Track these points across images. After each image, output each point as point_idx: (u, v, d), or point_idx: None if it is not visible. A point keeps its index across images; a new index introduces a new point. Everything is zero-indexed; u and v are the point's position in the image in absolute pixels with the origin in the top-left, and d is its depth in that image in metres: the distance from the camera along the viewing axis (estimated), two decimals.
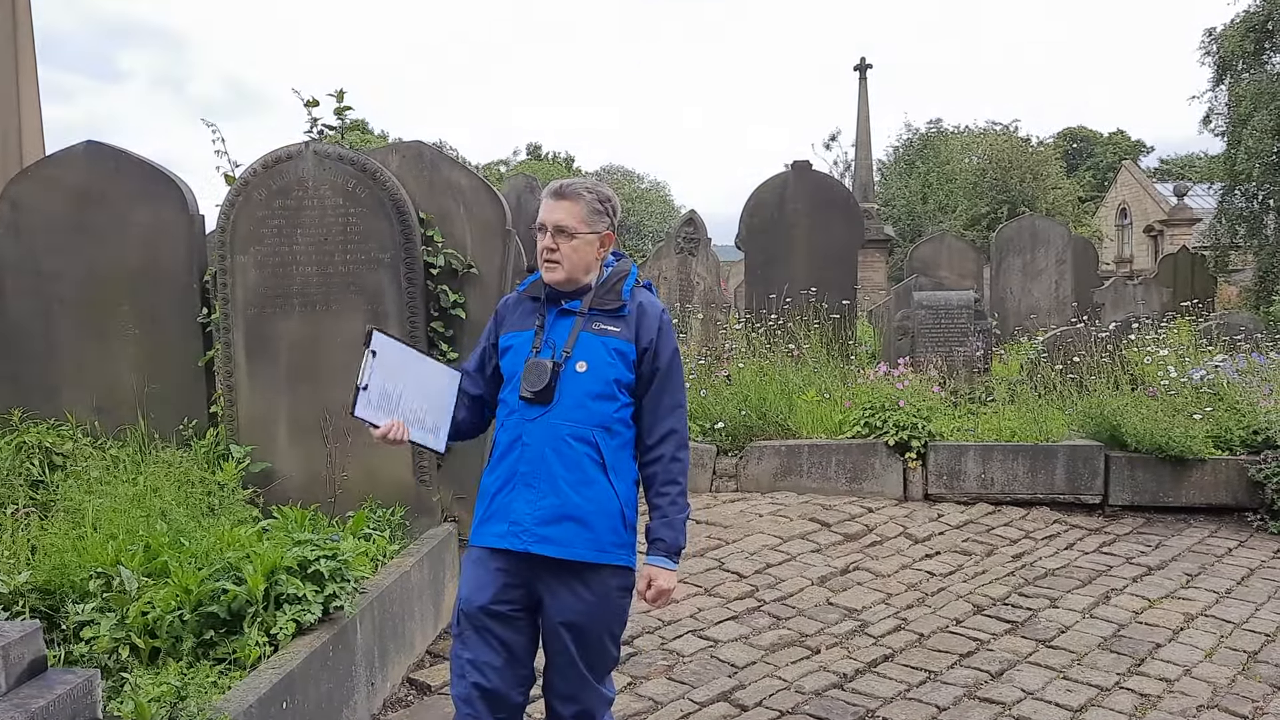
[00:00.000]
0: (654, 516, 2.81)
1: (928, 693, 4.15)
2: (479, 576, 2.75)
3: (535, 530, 2.67)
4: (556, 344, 2.74)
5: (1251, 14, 18.12)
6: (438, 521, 4.89)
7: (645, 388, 2.79)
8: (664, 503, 2.79)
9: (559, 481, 2.68)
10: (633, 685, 4.13)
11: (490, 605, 2.72)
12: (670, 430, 2.80)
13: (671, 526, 2.78)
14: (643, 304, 2.83)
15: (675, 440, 2.80)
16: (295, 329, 4.78)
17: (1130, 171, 39.43)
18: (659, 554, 2.78)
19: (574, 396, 2.70)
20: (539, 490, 2.68)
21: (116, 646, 3.24)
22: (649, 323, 2.79)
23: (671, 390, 2.81)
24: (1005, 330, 12.64)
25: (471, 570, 2.78)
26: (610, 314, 2.78)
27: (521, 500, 2.69)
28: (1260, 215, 18.66)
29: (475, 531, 2.81)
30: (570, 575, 2.70)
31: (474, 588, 2.75)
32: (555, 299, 2.81)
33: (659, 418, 2.79)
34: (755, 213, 10.02)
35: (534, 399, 2.69)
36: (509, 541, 2.69)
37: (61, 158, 5.26)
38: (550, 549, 2.67)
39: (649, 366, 2.78)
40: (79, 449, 4.81)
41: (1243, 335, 9.93)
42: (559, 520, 2.67)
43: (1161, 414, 6.90)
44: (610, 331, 2.76)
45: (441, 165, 5.14)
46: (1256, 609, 5.19)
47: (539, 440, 2.69)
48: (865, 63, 21.31)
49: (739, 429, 7.53)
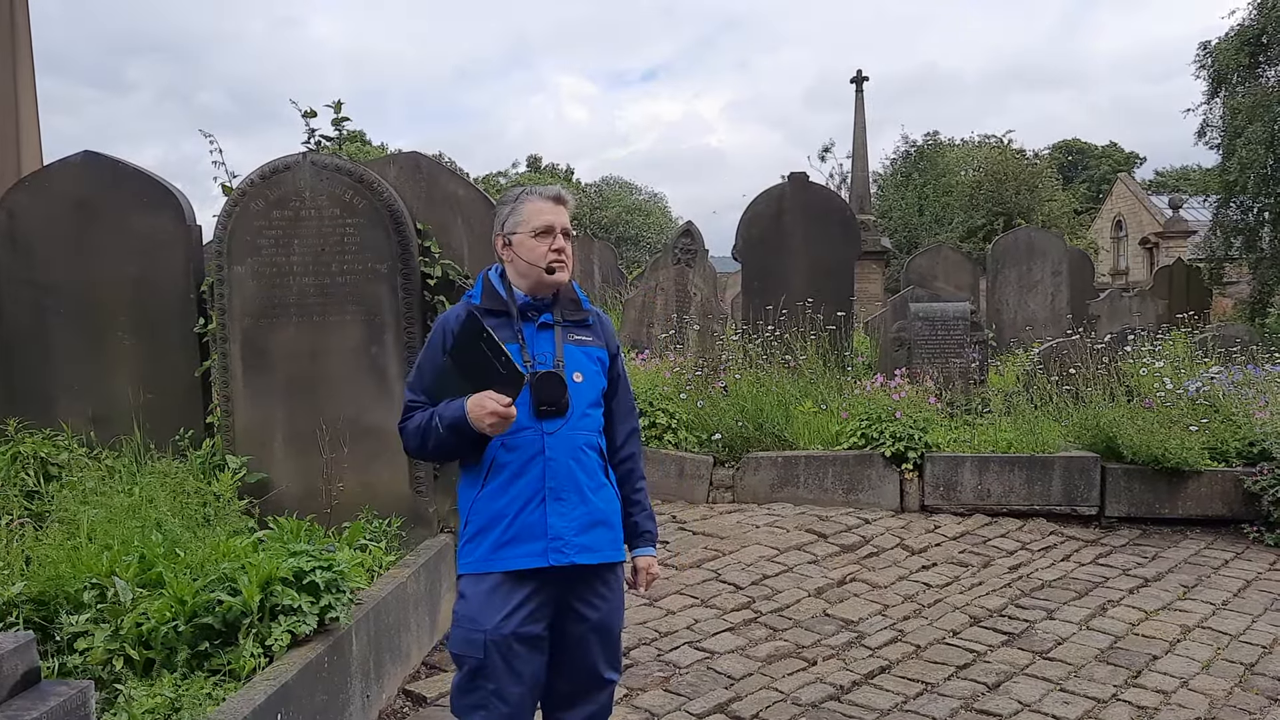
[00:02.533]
0: (635, 511, 2.91)
1: (925, 705, 4.14)
2: (503, 602, 2.64)
3: (575, 541, 2.66)
4: (547, 356, 2.73)
5: (1246, 27, 18.21)
6: (434, 532, 4.88)
7: (613, 391, 2.90)
8: (641, 497, 2.95)
9: (585, 490, 2.71)
10: (629, 697, 4.12)
11: (520, 630, 2.63)
12: (633, 429, 2.98)
13: (651, 519, 2.98)
14: (598, 312, 2.95)
15: (637, 438, 3.00)
16: (292, 340, 4.78)
17: (1125, 184, 39.55)
18: (648, 544, 2.95)
19: (579, 406, 2.72)
20: (569, 502, 2.68)
21: (111, 658, 3.22)
22: (609, 329, 2.93)
23: (629, 390, 3.01)
24: (1001, 342, 12.64)
25: (491, 598, 2.65)
26: (581, 324, 2.83)
27: (555, 514, 2.66)
28: (1256, 228, 18.71)
29: (489, 558, 2.67)
30: (597, 579, 2.74)
31: (499, 614, 2.63)
32: (524, 312, 2.77)
33: (623, 418, 2.94)
34: (752, 224, 10.03)
35: (554, 411, 2.67)
36: (553, 558, 2.63)
37: (59, 168, 5.26)
38: (590, 556, 2.69)
39: (614, 371, 2.90)
40: (74, 459, 4.80)
41: (1238, 347, 9.94)
42: (593, 527, 2.71)
43: (1157, 426, 6.91)
44: (586, 341, 2.81)
45: (439, 176, 5.15)
46: (1253, 621, 5.19)
47: (562, 453, 2.68)
48: (861, 75, 21.39)
49: (736, 440, 7.53)
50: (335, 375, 4.78)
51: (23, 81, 6.86)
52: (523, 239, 2.75)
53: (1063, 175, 40.83)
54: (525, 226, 2.75)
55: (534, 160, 52.50)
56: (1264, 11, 17.74)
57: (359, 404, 4.80)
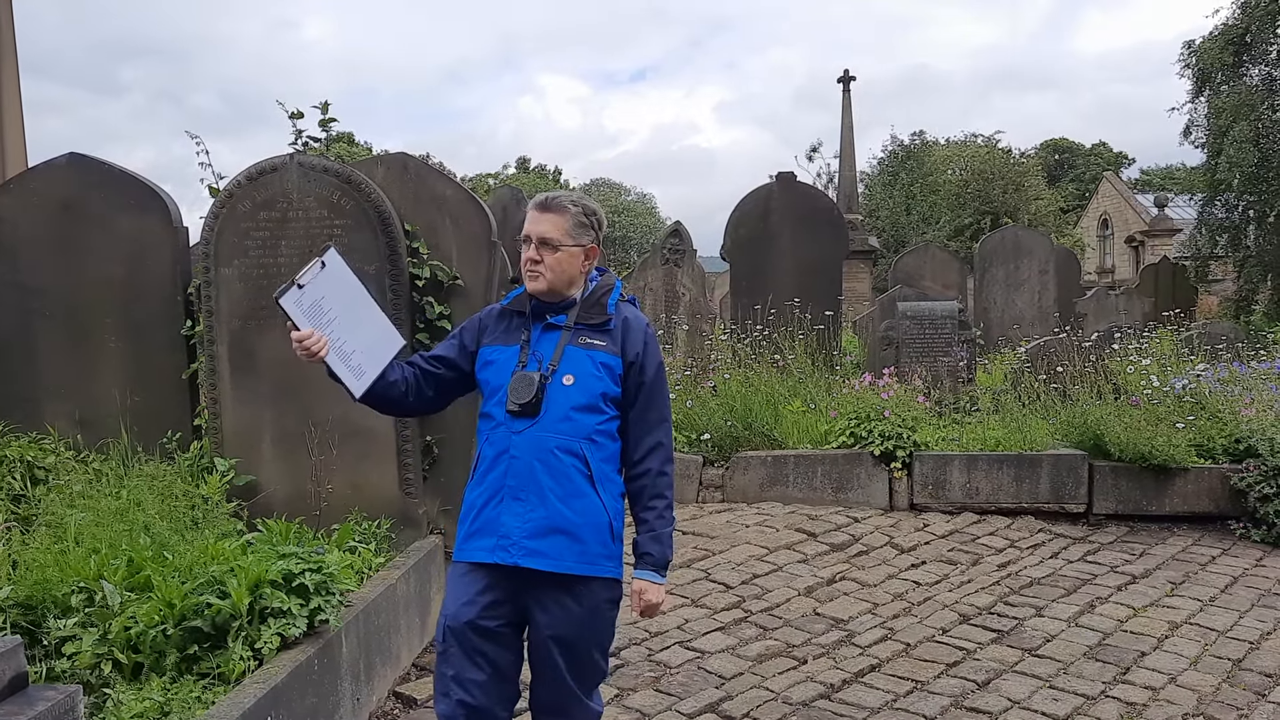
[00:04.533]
0: (641, 531, 2.82)
1: (915, 703, 4.16)
2: (465, 592, 2.72)
3: (525, 544, 2.65)
4: (543, 358, 2.74)
5: (1230, 26, 18.31)
6: (424, 534, 4.87)
7: (631, 402, 2.80)
8: (651, 516, 2.81)
9: (547, 494, 2.67)
10: (620, 697, 4.12)
11: (477, 621, 2.70)
12: (656, 444, 2.82)
13: (659, 541, 2.80)
14: (628, 318, 2.84)
15: (661, 454, 2.82)
16: (280, 341, 4.72)
17: (1111, 183, 39.73)
18: (647, 568, 2.80)
19: (560, 409, 2.70)
20: (528, 503, 2.67)
21: (99, 662, 3.21)
22: (634, 336, 2.81)
23: (657, 404, 2.83)
24: (989, 340, 12.68)
25: (457, 586, 2.76)
26: (596, 328, 2.79)
27: (510, 514, 2.68)
28: (1241, 226, 18.82)
29: (460, 547, 2.78)
30: (559, 589, 2.69)
31: (460, 603, 2.72)
32: (539, 314, 2.81)
33: (645, 431, 2.81)
34: (740, 224, 10.04)
35: (521, 412, 2.69)
36: (498, 555, 2.67)
37: (44, 170, 5.23)
38: (540, 562, 2.65)
39: (635, 380, 2.79)
40: (61, 462, 4.77)
41: (1224, 345, 9.99)
42: (548, 533, 2.66)
43: (1144, 423, 6.94)
44: (596, 345, 2.77)
45: (427, 177, 5.13)
46: (1240, 617, 5.22)
47: (526, 453, 2.68)
48: (849, 75, 21.45)
49: (725, 440, 7.53)
50: (324, 378, 4.74)
51: (7, 84, 6.83)
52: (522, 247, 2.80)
53: (1050, 174, 40.98)
54: (522, 232, 2.80)
55: (523, 162, 52.46)
56: (1247, 11, 17.84)
57: (347, 405, 4.76)
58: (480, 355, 2.86)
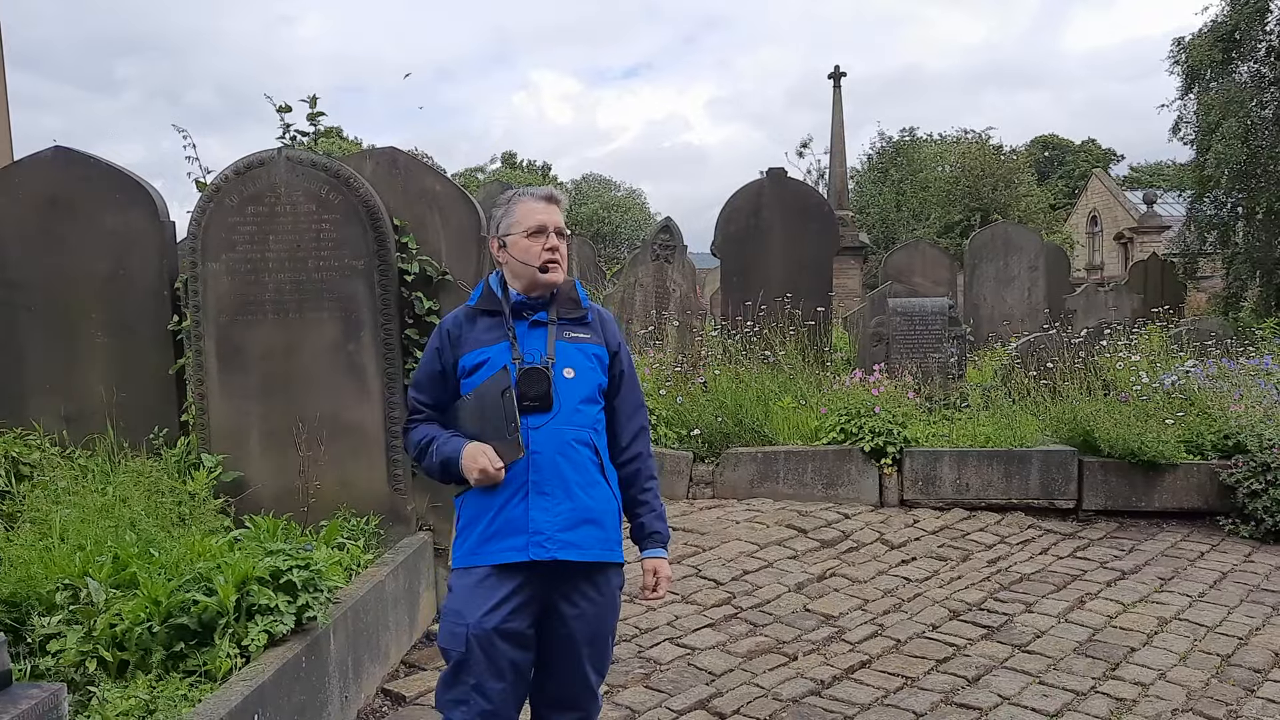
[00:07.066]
0: (644, 512, 2.88)
1: (905, 699, 4.15)
2: (489, 597, 2.64)
3: (558, 537, 2.65)
4: (538, 353, 2.74)
5: (1219, 24, 18.32)
6: (412, 530, 4.85)
7: (616, 389, 2.87)
8: (650, 497, 2.90)
9: (572, 486, 2.68)
10: (610, 693, 4.11)
11: (504, 626, 2.63)
12: (640, 428, 2.92)
13: (661, 519, 2.91)
14: (599, 310, 2.93)
15: (645, 437, 2.93)
16: (268, 337, 4.73)
17: (1101, 180, 39.86)
18: (658, 545, 2.90)
19: (570, 402, 2.72)
20: (553, 497, 2.66)
21: (84, 660, 3.18)
22: (611, 327, 2.91)
23: (635, 389, 2.94)
24: (979, 336, 12.71)
25: (475, 592, 2.66)
26: (578, 322, 2.83)
27: (538, 509, 2.65)
28: (1230, 223, 18.86)
29: (477, 551, 2.69)
30: (584, 579, 2.71)
31: (484, 610, 2.63)
32: (519, 311, 2.79)
33: (630, 416, 2.89)
34: (731, 220, 10.04)
35: (536, 405, 2.68)
36: (533, 553, 2.63)
37: (29, 164, 5.17)
38: (574, 553, 2.66)
39: (618, 369, 2.87)
40: (47, 458, 4.72)
41: (1213, 341, 10.03)
42: (578, 524, 2.68)
43: (1134, 419, 6.96)
44: (583, 338, 2.81)
45: (416, 172, 5.10)
46: (1229, 612, 5.23)
47: (548, 447, 2.68)
48: (839, 71, 21.43)
49: (715, 436, 7.53)
50: (312, 372, 4.73)
51: None
52: (516, 240, 2.78)
53: (1039, 171, 41.06)
54: (519, 228, 2.78)
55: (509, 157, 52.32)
56: (1236, 8, 17.87)
57: (336, 401, 4.75)
58: (462, 363, 2.79)
